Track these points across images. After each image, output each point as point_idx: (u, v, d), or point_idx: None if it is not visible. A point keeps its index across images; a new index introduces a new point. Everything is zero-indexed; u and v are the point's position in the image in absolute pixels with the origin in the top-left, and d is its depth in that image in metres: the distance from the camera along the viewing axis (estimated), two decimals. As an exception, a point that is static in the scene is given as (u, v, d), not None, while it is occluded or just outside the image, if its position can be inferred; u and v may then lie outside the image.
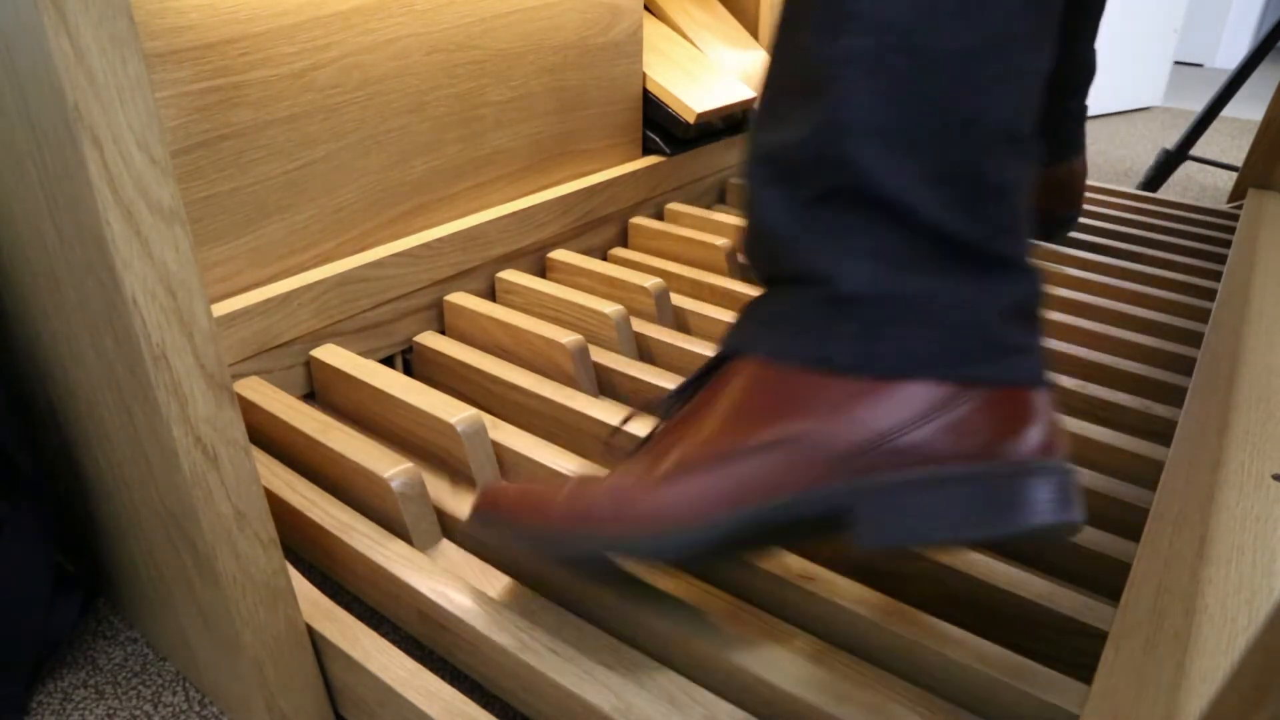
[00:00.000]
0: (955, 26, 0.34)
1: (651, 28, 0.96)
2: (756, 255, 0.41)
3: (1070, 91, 0.89)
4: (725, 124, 1.01)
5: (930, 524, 0.35)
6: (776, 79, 0.40)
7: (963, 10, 0.34)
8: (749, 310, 0.42)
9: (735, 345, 0.41)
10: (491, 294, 0.78)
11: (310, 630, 0.45)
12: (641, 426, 0.58)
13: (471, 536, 0.49)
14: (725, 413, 0.39)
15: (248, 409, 0.58)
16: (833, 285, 0.37)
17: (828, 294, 0.37)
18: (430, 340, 0.70)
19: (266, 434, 0.58)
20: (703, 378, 0.42)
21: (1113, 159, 1.73)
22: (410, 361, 0.72)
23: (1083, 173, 0.93)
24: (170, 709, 0.50)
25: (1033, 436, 0.36)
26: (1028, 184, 0.38)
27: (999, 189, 0.36)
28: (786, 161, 0.38)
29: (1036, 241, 0.95)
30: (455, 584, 0.46)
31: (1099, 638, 0.42)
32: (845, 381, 0.36)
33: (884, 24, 0.35)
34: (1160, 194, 1.26)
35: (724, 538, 0.38)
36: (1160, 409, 0.62)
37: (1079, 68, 0.88)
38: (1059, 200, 0.93)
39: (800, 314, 0.38)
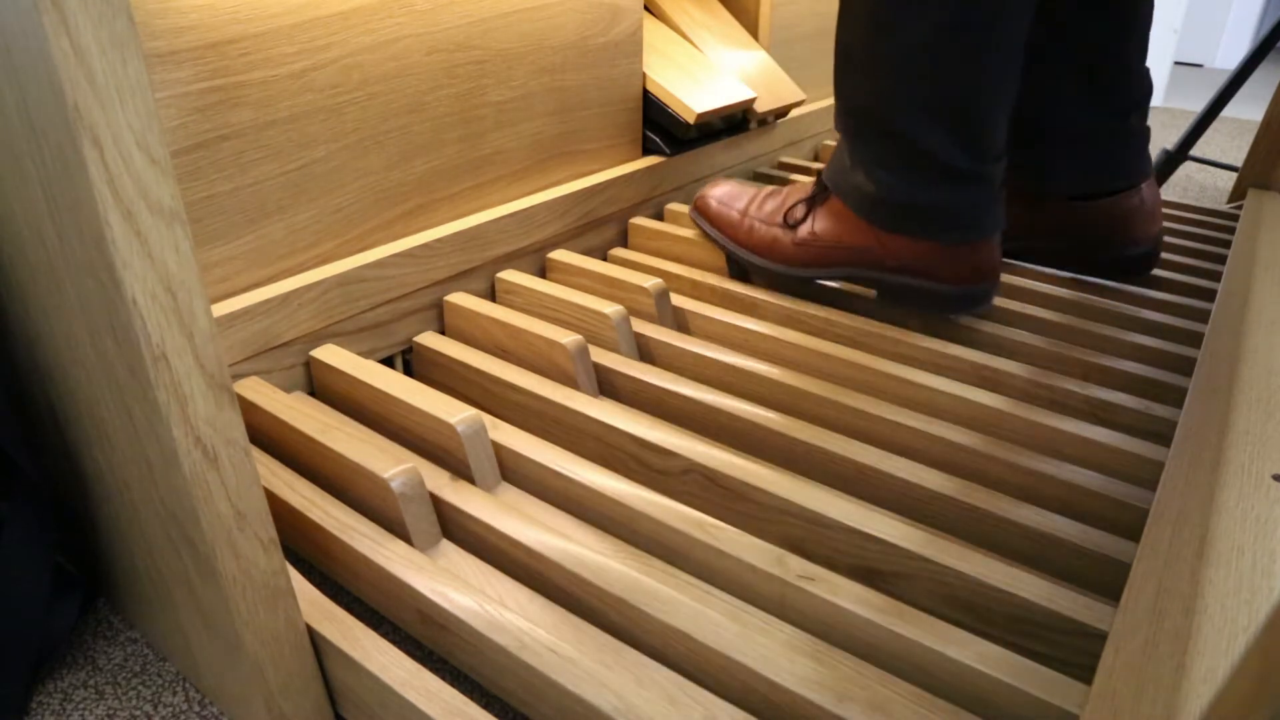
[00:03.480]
0: (962, 38, 0.63)
1: (651, 28, 0.96)
2: (845, 130, 0.73)
3: (1129, 109, 0.79)
4: (725, 124, 1.01)
5: (918, 306, 0.73)
6: (848, 53, 0.69)
7: (963, 26, 0.62)
8: (839, 160, 0.74)
9: (832, 186, 0.74)
10: (491, 294, 0.78)
11: (310, 630, 0.45)
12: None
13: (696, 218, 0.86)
14: (827, 221, 0.75)
15: (248, 409, 0.58)
16: (874, 192, 0.70)
17: (870, 194, 0.70)
18: (430, 340, 0.70)
19: (266, 434, 0.58)
20: (819, 189, 0.77)
21: (1113, 159, 1.73)
22: (410, 361, 0.72)
23: (1155, 201, 0.80)
24: (170, 709, 0.50)
25: (973, 269, 0.70)
26: (1005, 115, 0.67)
27: (985, 128, 0.66)
28: (858, 111, 0.70)
29: (1110, 282, 0.84)
30: (455, 584, 0.46)
31: (1099, 638, 0.42)
32: (880, 231, 0.71)
33: (913, 36, 0.63)
34: (1160, 194, 1.26)
35: (817, 278, 0.77)
36: (1160, 409, 0.62)
37: (1136, 80, 0.78)
38: (1128, 233, 0.80)
39: (859, 194, 0.71)
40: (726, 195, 0.84)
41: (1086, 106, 0.79)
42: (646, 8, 0.99)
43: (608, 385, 0.68)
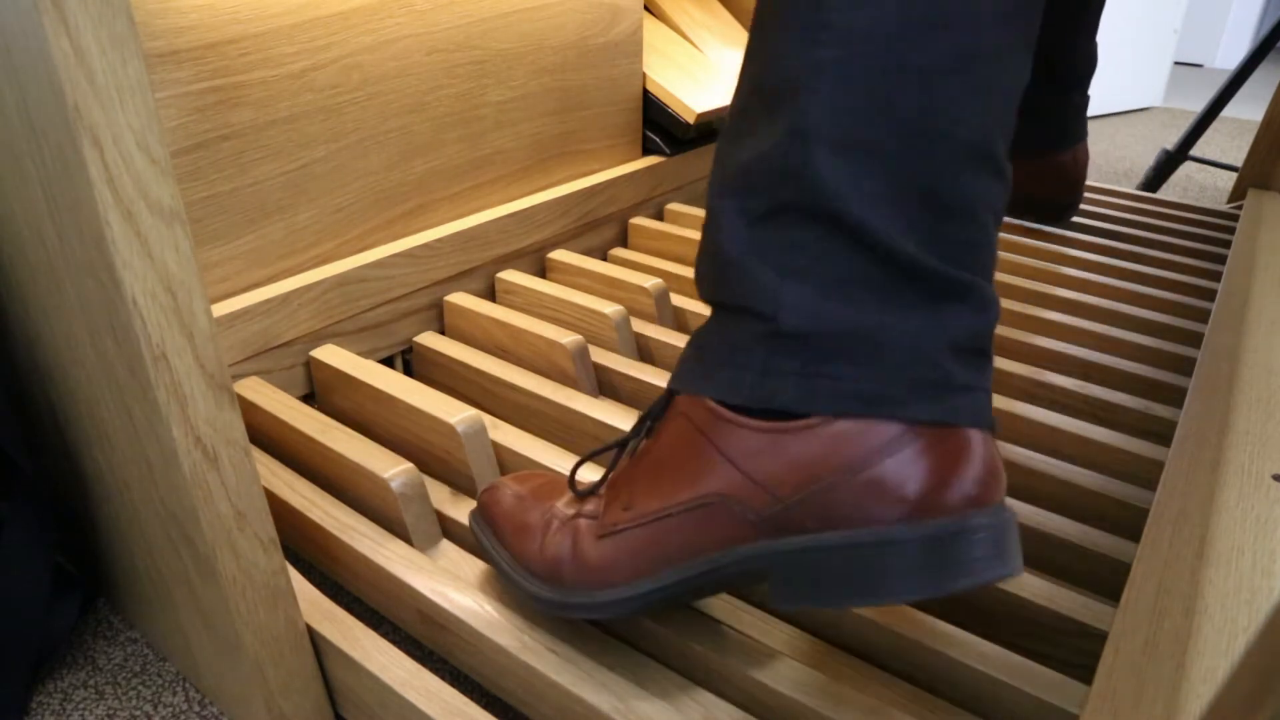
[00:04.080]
0: (928, 41, 0.33)
1: (651, 28, 0.96)
2: (706, 275, 0.40)
3: (1073, 84, 0.90)
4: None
5: (849, 589, 0.34)
6: (747, 89, 0.39)
7: (938, 22, 0.33)
8: (694, 341, 0.41)
9: (679, 384, 0.40)
10: (491, 294, 0.78)
11: (310, 630, 0.44)
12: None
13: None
14: (657, 467, 0.40)
15: (248, 409, 0.58)
16: (775, 320, 0.35)
17: (769, 329, 0.36)
18: (430, 340, 0.70)
19: (266, 434, 0.58)
20: (657, 414, 0.42)
21: (1113, 159, 1.73)
22: (410, 361, 0.72)
23: (1084, 160, 0.95)
24: (170, 709, 0.50)
25: (969, 483, 0.33)
26: (998, 205, 0.36)
27: (963, 210, 0.34)
28: (746, 174, 0.37)
29: (1042, 227, 0.97)
30: (455, 584, 0.46)
31: (1099, 638, 0.42)
32: (775, 427, 0.35)
33: (857, 36, 0.33)
34: (1160, 194, 1.26)
35: (654, 596, 0.39)
36: (1160, 409, 0.62)
37: (1081, 59, 0.89)
38: (1062, 187, 0.95)
39: (741, 351, 0.37)
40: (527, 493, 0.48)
41: (1034, 84, 0.87)
42: (646, 8, 0.99)
43: (608, 385, 0.68)
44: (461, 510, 0.53)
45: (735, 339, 0.37)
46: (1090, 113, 2.13)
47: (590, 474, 0.54)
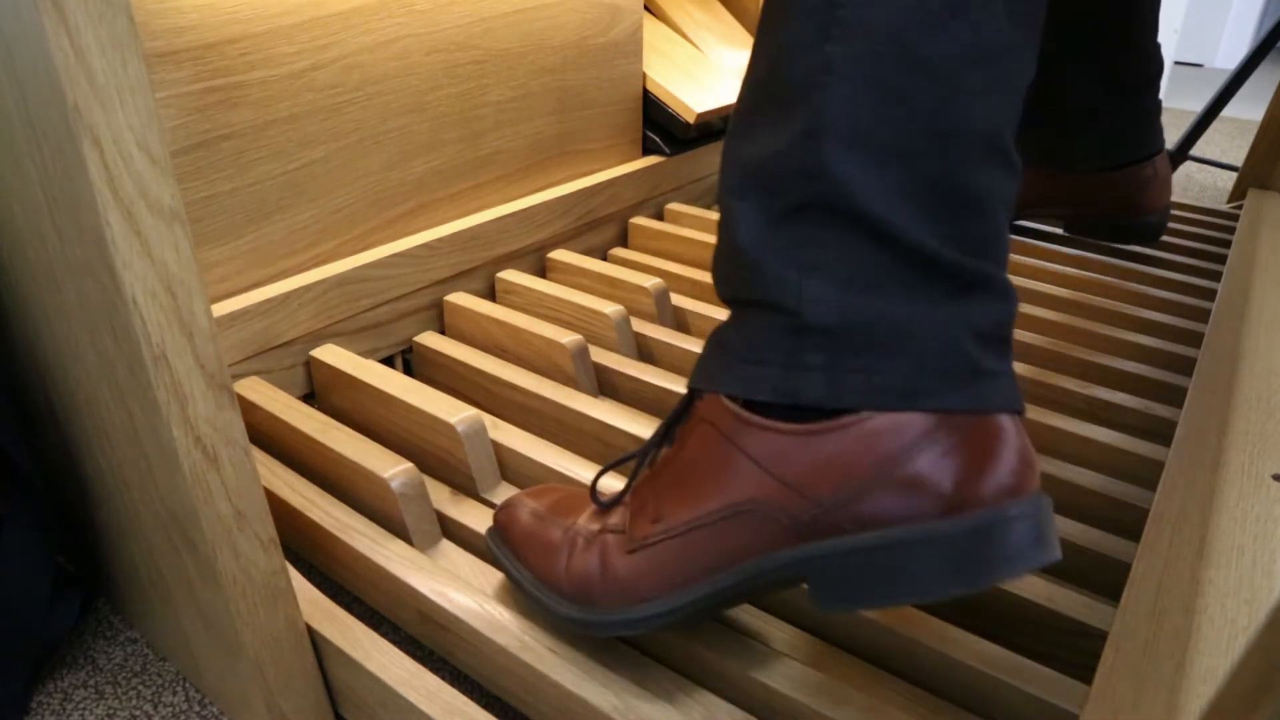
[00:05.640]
0: (943, 34, 0.33)
1: (651, 28, 0.96)
2: (725, 275, 0.39)
3: (1142, 86, 0.85)
4: (725, 124, 1.01)
5: (893, 588, 0.33)
6: (756, 86, 0.38)
7: (950, 16, 0.32)
8: (714, 339, 0.40)
9: (700, 382, 0.39)
10: (491, 294, 0.78)
11: (310, 630, 0.44)
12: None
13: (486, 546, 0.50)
14: (684, 476, 0.39)
15: (248, 409, 0.58)
16: (798, 314, 0.35)
17: (793, 324, 0.35)
18: (430, 340, 0.70)
19: (266, 434, 0.58)
20: (677, 418, 0.41)
21: (1113, 159, 1.73)
22: (410, 361, 0.72)
23: (1167, 173, 0.88)
24: (170, 709, 0.50)
25: (1005, 474, 0.33)
26: (1009, 197, 0.36)
27: (979, 202, 0.34)
28: (762, 173, 0.36)
29: (1131, 246, 0.92)
30: (455, 584, 0.46)
31: (1099, 638, 0.42)
32: (805, 429, 0.35)
33: (872, 30, 0.33)
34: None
35: (690, 608, 0.38)
36: (1160, 409, 0.62)
37: (1146, 60, 0.84)
38: (1142, 202, 0.88)
39: (764, 347, 0.36)
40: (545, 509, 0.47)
41: (1098, 84, 0.84)
42: (646, 8, 0.99)
43: (608, 385, 0.68)
44: (462, 510, 0.53)
45: (757, 335, 0.37)
46: (1090, 113, 2.12)
47: (609, 484, 0.53)
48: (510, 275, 0.76)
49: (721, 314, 0.75)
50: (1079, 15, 0.83)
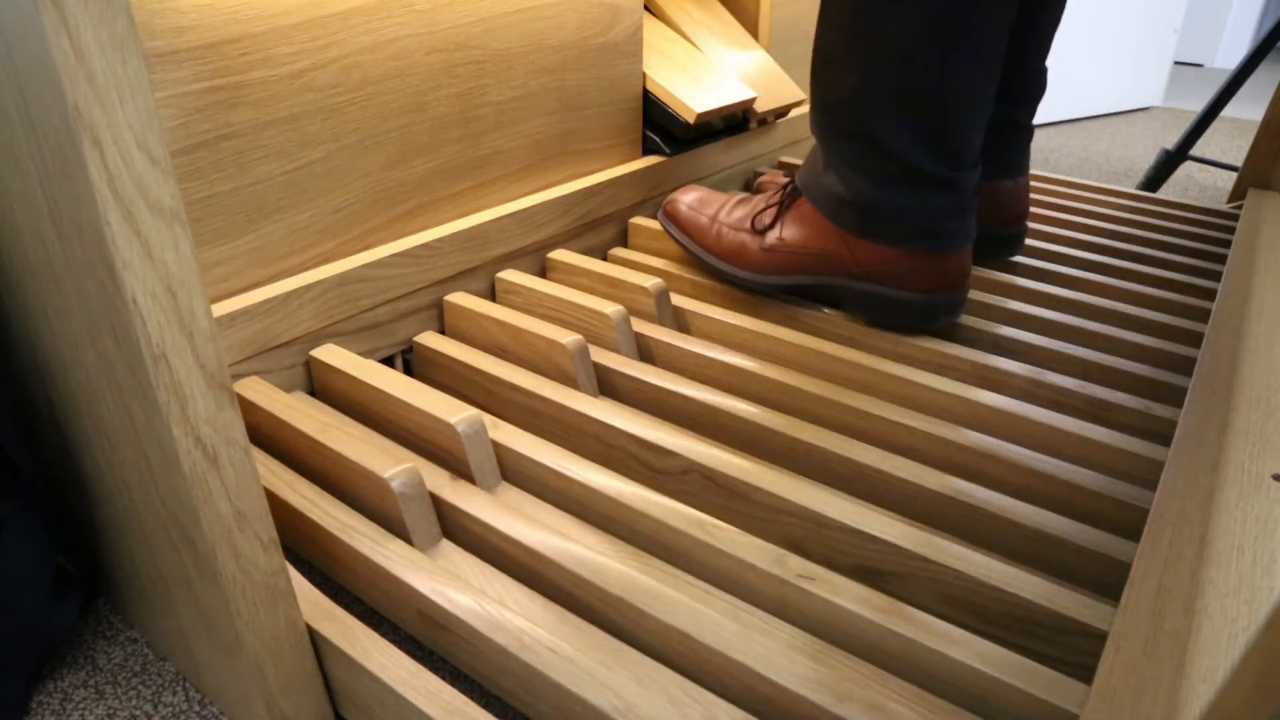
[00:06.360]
0: (939, 44, 0.62)
1: (651, 28, 0.96)
2: (819, 130, 0.73)
3: (1020, 100, 0.84)
4: (725, 124, 1.01)
5: (886, 317, 0.72)
6: (827, 52, 0.69)
7: (941, 31, 0.62)
8: (812, 162, 0.74)
9: (803, 188, 0.74)
10: (491, 294, 0.78)
11: (310, 630, 0.45)
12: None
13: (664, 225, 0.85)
14: (795, 226, 0.74)
15: (248, 409, 0.58)
16: (844, 194, 0.70)
17: (841, 196, 0.70)
18: (430, 340, 0.70)
19: (266, 434, 0.58)
20: (790, 192, 0.76)
21: (1113, 159, 1.73)
22: (410, 361, 0.72)
23: (1025, 191, 0.87)
24: (170, 709, 0.50)
25: (950, 277, 0.70)
26: (980, 124, 0.67)
27: (961, 137, 0.66)
28: (836, 112, 0.69)
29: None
30: (455, 584, 0.46)
31: (1099, 638, 0.42)
32: (848, 235, 0.71)
33: (891, 39, 0.63)
34: (1160, 194, 1.26)
35: (783, 286, 0.76)
36: (1160, 409, 0.62)
37: (1035, 80, 0.84)
38: (1008, 217, 0.88)
39: (829, 197, 0.71)
40: (696, 201, 0.82)
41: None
42: (646, 8, 0.99)
43: (608, 385, 0.68)
44: (461, 496, 0.53)
45: (827, 188, 0.71)
46: (1090, 113, 2.13)
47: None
48: (510, 275, 0.76)
49: (720, 314, 0.75)
50: None
